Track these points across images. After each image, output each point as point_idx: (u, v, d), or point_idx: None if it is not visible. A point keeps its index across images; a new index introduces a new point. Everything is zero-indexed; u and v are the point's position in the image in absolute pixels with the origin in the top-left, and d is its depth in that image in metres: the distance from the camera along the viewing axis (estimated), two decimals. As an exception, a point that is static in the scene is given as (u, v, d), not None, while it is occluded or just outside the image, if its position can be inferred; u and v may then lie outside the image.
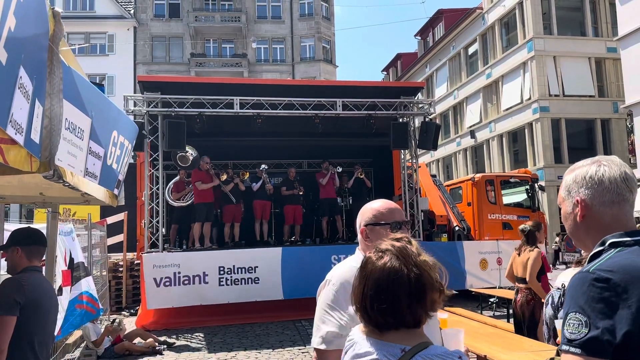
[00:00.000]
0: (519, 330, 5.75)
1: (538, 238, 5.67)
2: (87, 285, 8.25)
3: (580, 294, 1.28)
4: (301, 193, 12.07)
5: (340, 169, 12.45)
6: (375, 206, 2.09)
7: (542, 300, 5.53)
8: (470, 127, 30.85)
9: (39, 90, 1.84)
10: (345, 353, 1.44)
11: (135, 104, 10.74)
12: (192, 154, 10.86)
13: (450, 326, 2.83)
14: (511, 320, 8.55)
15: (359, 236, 2.11)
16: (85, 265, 8.27)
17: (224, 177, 11.40)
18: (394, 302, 1.33)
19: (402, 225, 2.03)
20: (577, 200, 1.47)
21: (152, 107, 10.38)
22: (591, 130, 25.69)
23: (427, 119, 11.70)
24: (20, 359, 2.64)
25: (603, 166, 1.46)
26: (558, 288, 4.62)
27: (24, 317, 2.58)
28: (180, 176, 11.90)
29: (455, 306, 9.06)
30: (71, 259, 7.59)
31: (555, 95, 25.24)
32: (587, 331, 1.23)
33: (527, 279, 5.60)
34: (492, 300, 10.75)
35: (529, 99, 25.53)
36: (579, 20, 26.48)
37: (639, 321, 1.21)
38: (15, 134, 1.67)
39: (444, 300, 1.39)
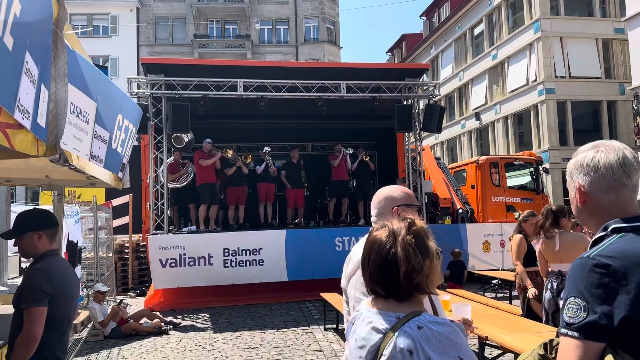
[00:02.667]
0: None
1: (524, 227, 5.98)
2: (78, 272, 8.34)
3: (581, 279, 1.30)
4: (306, 185, 12.25)
5: (351, 151, 12.46)
6: (403, 189, 2.28)
7: (527, 283, 5.73)
8: (476, 109, 30.62)
9: (44, 74, 1.85)
10: (353, 324, 1.57)
11: (139, 87, 10.71)
12: (187, 136, 10.73)
13: (453, 308, 3.00)
14: (514, 302, 8.64)
15: (384, 217, 2.15)
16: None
17: (230, 153, 11.34)
18: (374, 269, 1.48)
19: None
20: (577, 186, 1.49)
21: (155, 90, 10.37)
22: (597, 112, 25.46)
23: (431, 101, 11.65)
24: (59, 343, 2.67)
25: (600, 152, 1.46)
26: (555, 274, 4.75)
27: (55, 307, 2.57)
28: (174, 157, 11.40)
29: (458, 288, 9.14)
30: (69, 242, 7.65)
31: (562, 77, 24.98)
32: (585, 315, 1.26)
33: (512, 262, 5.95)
34: (494, 282, 10.82)
35: (535, 80, 25.28)
36: (586, 1, 26.07)
37: (636, 307, 1.23)
38: (23, 118, 1.68)
39: (426, 283, 1.44)
